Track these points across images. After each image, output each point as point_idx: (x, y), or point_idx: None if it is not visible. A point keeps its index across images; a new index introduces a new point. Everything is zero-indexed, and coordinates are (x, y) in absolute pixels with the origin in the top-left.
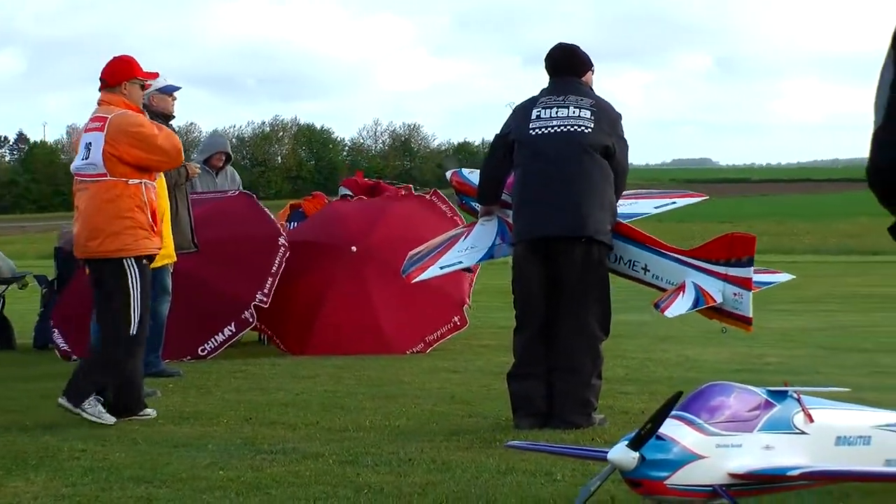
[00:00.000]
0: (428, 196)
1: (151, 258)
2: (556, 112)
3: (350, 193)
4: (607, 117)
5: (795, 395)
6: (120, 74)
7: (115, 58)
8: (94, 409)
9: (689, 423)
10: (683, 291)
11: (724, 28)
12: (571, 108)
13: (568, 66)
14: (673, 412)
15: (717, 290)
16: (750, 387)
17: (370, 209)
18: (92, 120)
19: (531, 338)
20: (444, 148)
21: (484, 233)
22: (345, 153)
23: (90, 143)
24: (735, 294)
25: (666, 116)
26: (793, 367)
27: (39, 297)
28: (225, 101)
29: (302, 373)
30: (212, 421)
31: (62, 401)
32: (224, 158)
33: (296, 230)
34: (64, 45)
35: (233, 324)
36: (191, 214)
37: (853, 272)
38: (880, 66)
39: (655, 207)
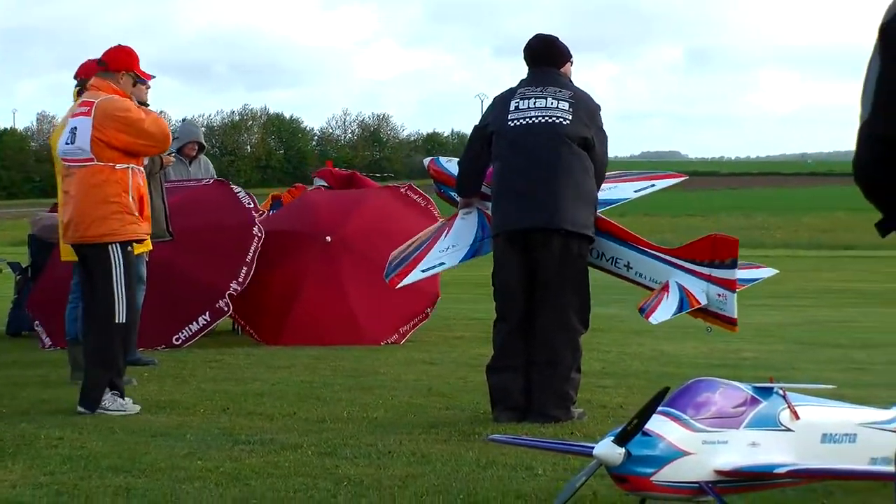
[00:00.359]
0: (402, 189)
1: (140, 243)
2: (535, 103)
3: (325, 184)
4: (586, 108)
5: (781, 392)
6: (122, 62)
7: (119, 45)
8: (115, 405)
9: (676, 418)
10: (668, 293)
11: (695, 20)
12: (550, 100)
13: (546, 56)
14: (659, 408)
15: (701, 291)
16: (736, 383)
17: (345, 200)
18: (80, 104)
19: (510, 331)
20: (413, 138)
21: (465, 228)
22: (314, 143)
23: (76, 128)
24: (719, 295)
25: (635, 108)
26: (770, 362)
27: (13, 284)
28: (194, 89)
29: (277, 363)
30: (188, 410)
31: (80, 409)
32: (197, 148)
33: (270, 219)
34: (33, 32)
35: (207, 313)
36: (165, 203)
37: (825, 267)
38: (859, 58)
39: (636, 191)
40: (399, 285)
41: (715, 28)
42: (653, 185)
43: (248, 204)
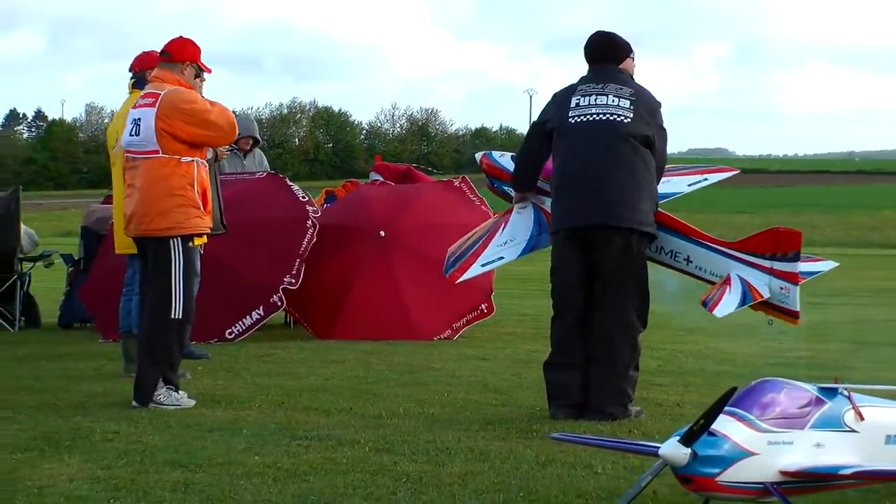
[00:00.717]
0: (457, 182)
1: (200, 237)
2: (595, 100)
3: (381, 179)
4: (647, 106)
5: (846, 393)
6: (186, 53)
7: (182, 36)
8: (170, 399)
9: (741, 419)
10: (730, 286)
11: (743, 14)
12: (611, 97)
13: (606, 53)
14: (724, 408)
15: (763, 285)
16: (800, 383)
17: (398, 194)
18: (143, 96)
19: (569, 327)
20: (461, 133)
21: (521, 223)
22: (362, 136)
23: (139, 119)
24: (782, 288)
25: (682, 104)
26: (824, 361)
27: (65, 275)
28: (243, 81)
29: (330, 357)
30: (244, 405)
31: (134, 403)
32: (252, 142)
33: (324, 213)
34: (82, 23)
35: (261, 307)
36: (220, 196)
37: (876, 266)
38: None
39: (689, 185)
40: (459, 280)
41: (764, 23)
42: (706, 179)
43: (303, 197)
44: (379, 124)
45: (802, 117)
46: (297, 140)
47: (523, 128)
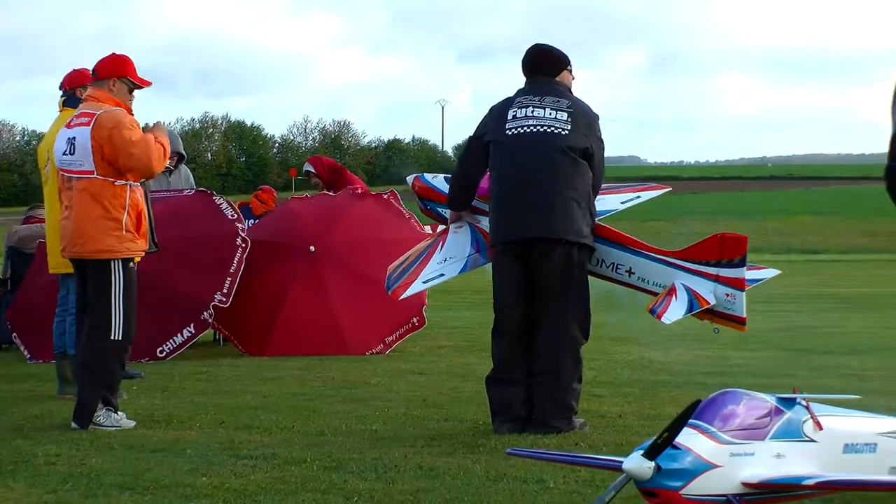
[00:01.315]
0: (385, 196)
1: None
2: (533, 112)
3: (313, 170)
4: (584, 118)
5: (804, 403)
6: (112, 69)
7: (112, 54)
8: (109, 420)
9: (704, 431)
10: (675, 295)
11: (656, 25)
12: (548, 110)
13: (542, 65)
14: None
15: (708, 291)
16: (760, 394)
17: (327, 208)
18: (77, 115)
19: (510, 342)
20: (374, 145)
21: (458, 242)
22: (275, 150)
23: (73, 138)
24: (728, 295)
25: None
26: (761, 369)
27: None
28: (158, 98)
29: (265, 374)
30: (184, 425)
31: (74, 425)
32: (177, 158)
33: (252, 229)
34: None
35: (192, 325)
36: (151, 214)
37: (798, 272)
38: (817, 61)
39: (622, 203)
40: (402, 296)
41: (680, 32)
42: (638, 197)
43: (231, 215)
44: (291, 137)
45: (714, 124)
46: (209, 155)
47: (436, 138)
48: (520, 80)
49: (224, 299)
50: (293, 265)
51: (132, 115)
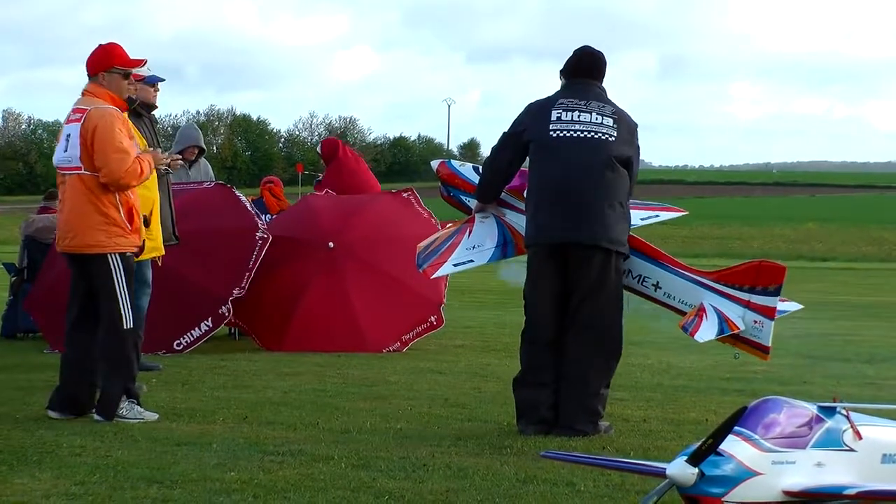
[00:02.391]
0: (405, 194)
1: (132, 255)
2: (579, 116)
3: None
4: (627, 126)
5: (844, 412)
6: (97, 64)
7: (98, 46)
8: (132, 413)
9: (747, 438)
10: (706, 315)
11: (666, 29)
12: (594, 115)
13: (590, 69)
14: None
15: (738, 316)
16: (802, 402)
17: (347, 205)
18: (73, 111)
19: (540, 345)
20: (380, 142)
21: (485, 231)
22: (280, 144)
23: (69, 135)
24: (756, 322)
25: None
26: (781, 376)
27: (9, 285)
28: (165, 90)
29: (283, 370)
30: (207, 419)
31: (98, 418)
32: (197, 151)
33: (271, 224)
34: (6, 29)
35: (210, 318)
36: (172, 207)
37: (809, 279)
38: (824, 68)
39: (642, 219)
40: (433, 276)
41: (690, 36)
42: (657, 216)
43: (251, 208)
44: (297, 133)
45: (721, 130)
46: (214, 148)
47: (441, 137)
48: (527, 81)
49: (242, 293)
50: (312, 261)
51: (125, 110)
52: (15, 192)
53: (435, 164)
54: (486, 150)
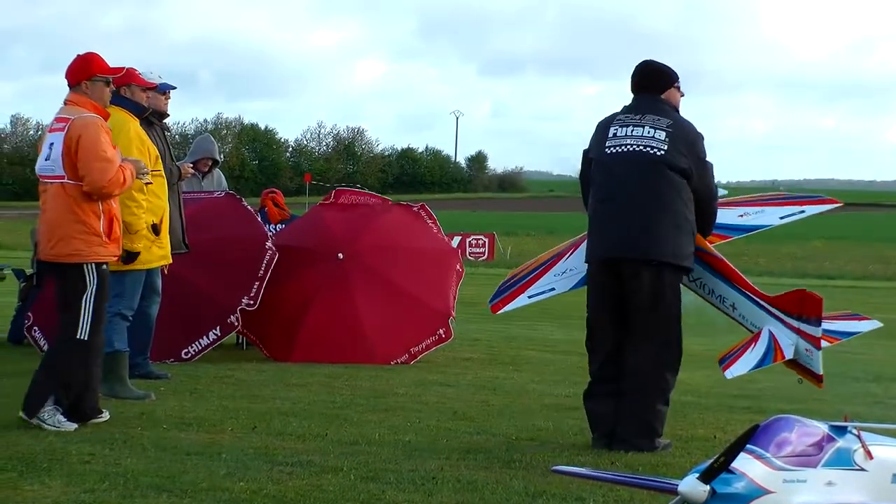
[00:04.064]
0: (416, 208)
1: (108, 265)
2: (632, 131)
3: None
4: (684, 138)
5: (855, 431)
6: (78, 73)
7: (76, 56)
8: (53, 419)
9: (758, 456)
10: (755, 344)
11: (686, 41)
12: (647, 128)
13: (649, 83)
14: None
15: (790, 344)
16: (813, 421)
17: (357, 217)
18: (56, 120)
19: (603, 360)
20: (387, 153)
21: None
22: (288, 154)
23: (52, 144)
24: (807, 350)
25: None
26: (789, 394)
27: (17, 291)
28: (176, 96)
29: (292, 380)
30: (216, 428)
31: (22, 414)
32: (211, 163)
33: (280, 234)
34: (17, 34)
35: (218, 327)
36: (182, 215)
37: None
38: (830, 85)
39: (781, 218)
40: (501, 311)
41: (705, 50)
42: (802, 212)
43: (261, 219)
44: (305, 142)
45: (730, 145)
46: (222, 157)
47: (449, 149)
48: (539, 93)
49: (251, 303)
50: (321, 271)
51: (107, 119)
52: (23, 197)
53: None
54: (493, 163)
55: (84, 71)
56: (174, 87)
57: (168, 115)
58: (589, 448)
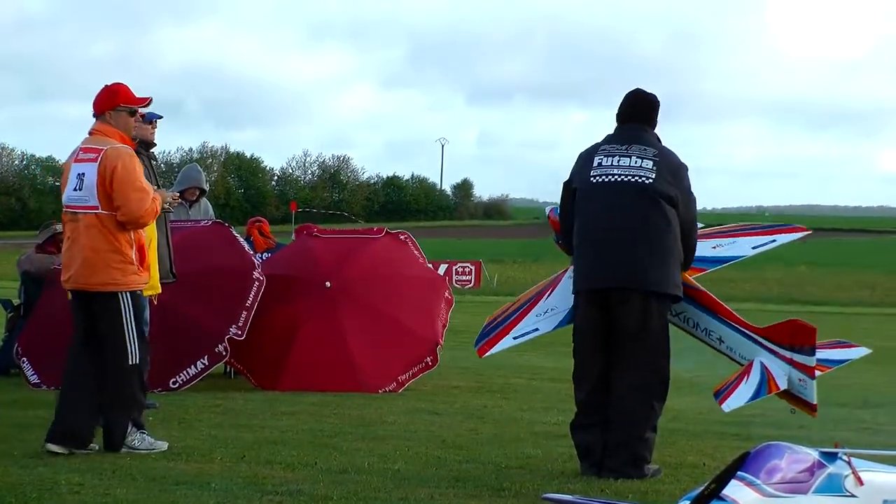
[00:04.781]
0: (402, 237)
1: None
2: (619, 161)
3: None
4: (669, 167)
5: (846, 458)
6: (103, 103)
7: (105, 86)
8: (144, 444)
9: (749, 483)
10: (748, 376)
11: (676, 67)
12: (634, 158)
13: (637, 113)
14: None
15: (783, 374)
16: (803, 448)
17: (343, 245)
18: (84, 150)
19: (590, 389)
20: (373, 181)
21: (566, 291)
22: (273, 182)
23: (83, 174)
24: (801, 380)
25: None
26: (778, 420)
27: (4, 321)
28: (163, 124)
29: (280, 409)
30: (205, 458)
31: (108, 451)
32: (198, 192)
33: (268, 262)
34: (5, 62)
35: (206, 357)
36: (170, 244)
37: None
38: (815, 111)
39: (753, 248)
40: (486, 354)
41: (679, 78)
42: (773, 241)
43: (248, 248)
44: (290, 171)
45: (716, 172)
46: (208, 186)
47: (435, 177)
48: (526, 120)
49: (239, 332)
50: (309, 300)
51: (134, 147)
52: (8, 227)
53: (547, 210)
54: (479, 191)
55: (109, 101)
56: (160, 117)
57: (155, 145)
58: (578, 475)
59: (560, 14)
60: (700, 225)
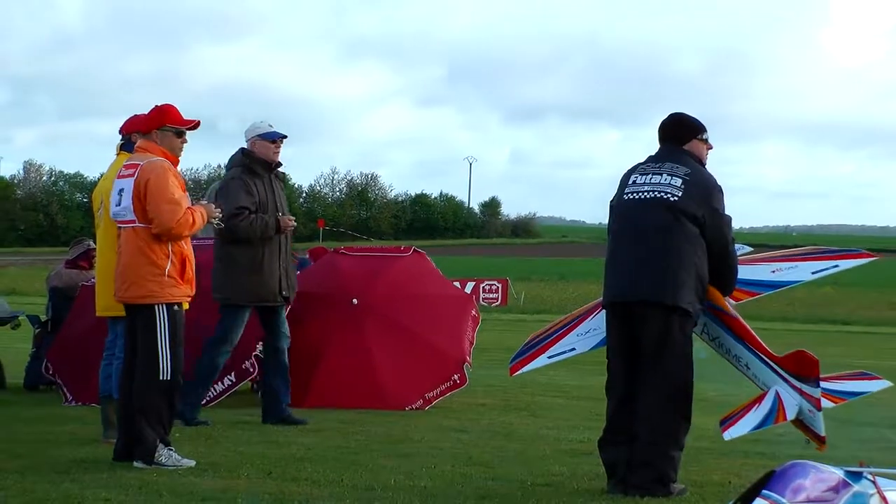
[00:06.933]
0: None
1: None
2: (651, 178)
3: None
4: (699, 187)
5: (871, 477)
6: (151, 122)
7: (156, 106)
8: (171, 460)
9: (775, 502)
10: (759, 404)
11: (711, 88)
12: (665, 175)
13: (671, 134)
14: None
15: (794, 405)
16: (829, 467)
17: (370, 262)
18: (125, 167)
19: (618, 403)
20: (401, 199)
21: None
22: (301, 199)
23: (122, 189)
24: (810, 411)
25: None
26: (804, 439)
27: (32, 337)
28: (195, 139)
29: (307, 426)
30: (232, 474)
31: (138, 464)
32: None
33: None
34: (40, 80)
35: (233, 373)
36: (281, 267)
37: (830, 342)
38: (842, 132)
39: (813, 273)
40: (518, 373)
41: (727, 98)
42: (836, 266)
43: None
44: (318, 188)
45: (747, 191)
46: None
47: (463, 195)
48: (559, 139)
49: None
50: (335, 317)
51: (177, 165)
52: (35, 243)
53: None
54: (506, 209)
55: (157, 120)
56: (285, 136)
57: (280, 164)
58: (604, 493)
59: (596, 34)
60: (748, 249)
